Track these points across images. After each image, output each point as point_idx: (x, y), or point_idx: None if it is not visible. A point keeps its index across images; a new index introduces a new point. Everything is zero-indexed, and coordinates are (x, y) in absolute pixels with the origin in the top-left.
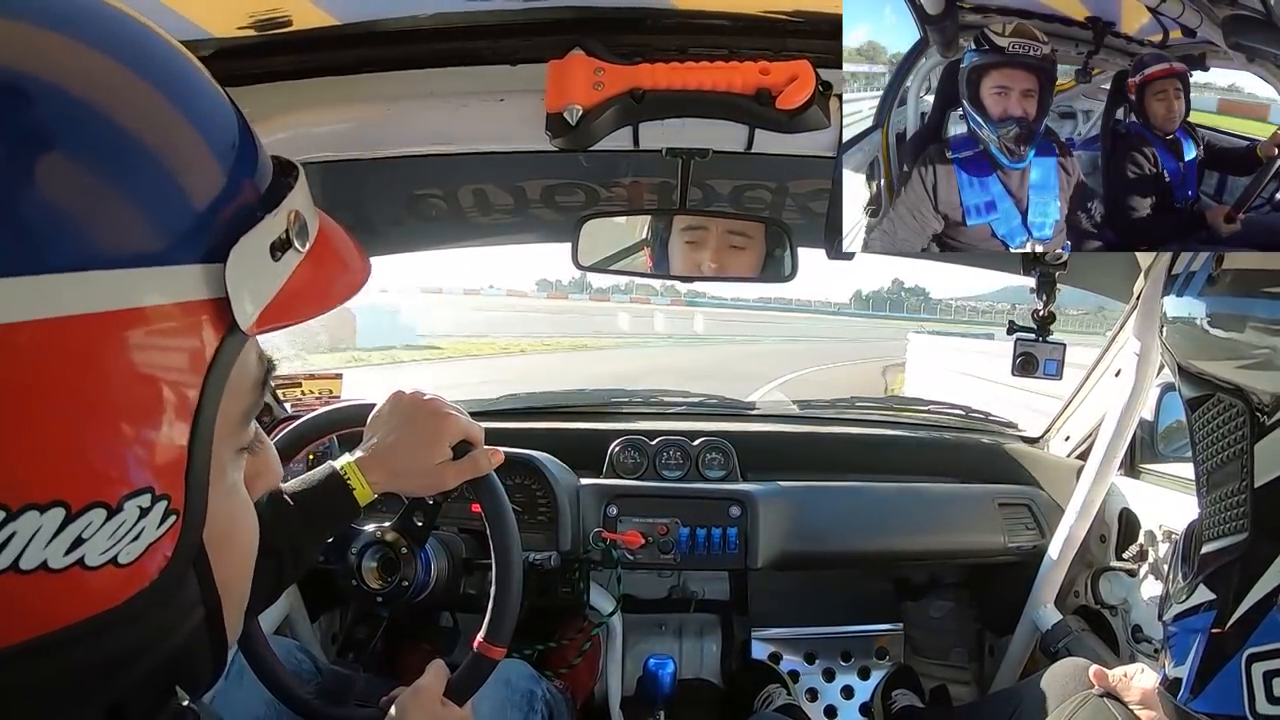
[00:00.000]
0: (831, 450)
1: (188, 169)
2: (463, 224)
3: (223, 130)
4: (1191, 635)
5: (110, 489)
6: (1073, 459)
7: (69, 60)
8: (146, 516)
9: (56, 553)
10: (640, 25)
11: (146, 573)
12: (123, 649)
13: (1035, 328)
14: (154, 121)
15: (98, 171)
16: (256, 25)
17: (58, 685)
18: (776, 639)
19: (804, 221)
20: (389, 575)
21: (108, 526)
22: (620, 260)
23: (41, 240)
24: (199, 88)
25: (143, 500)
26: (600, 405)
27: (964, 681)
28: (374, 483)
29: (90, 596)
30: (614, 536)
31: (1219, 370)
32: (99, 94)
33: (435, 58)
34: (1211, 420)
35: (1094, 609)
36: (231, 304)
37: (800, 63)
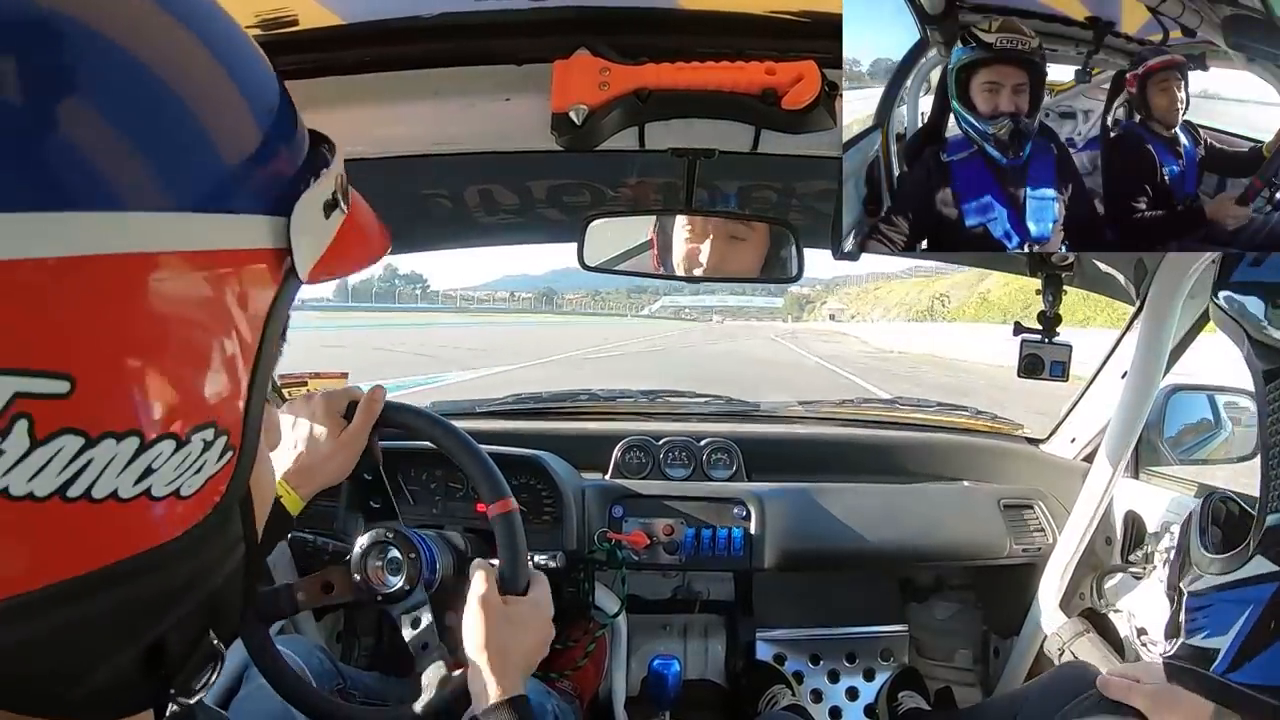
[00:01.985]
0: (837, 451)
1: (257, 131)
2: (469, 224)
3: (277, 98)
4: (1240, 607)
5: (180, 421)
6: (1078, 460)
7: (150, 20)
8: (209, 450)
9: (127, 482)
10: (646, 25)
11: (204, 506)
12: (173, 584)
13: (1041, 329)
14: (241, 83)
15: (183, 122)
16: (263, 24)
17: (110, 620)
18: (781, 640)
19: (810, 222)
20: (394, 574)
21: (175, 458)
22: (626, 260)
23: (128, 180)
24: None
25: (206, 434)
26: (606, 406)
27: (969, 683)
28: (297, 487)
29: (152, 527)
30: (619, 537)
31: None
32: (175, 54)
33: (441, 57)
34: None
35: (1100, 611)
36: (293, 254)
37: (806, 63)
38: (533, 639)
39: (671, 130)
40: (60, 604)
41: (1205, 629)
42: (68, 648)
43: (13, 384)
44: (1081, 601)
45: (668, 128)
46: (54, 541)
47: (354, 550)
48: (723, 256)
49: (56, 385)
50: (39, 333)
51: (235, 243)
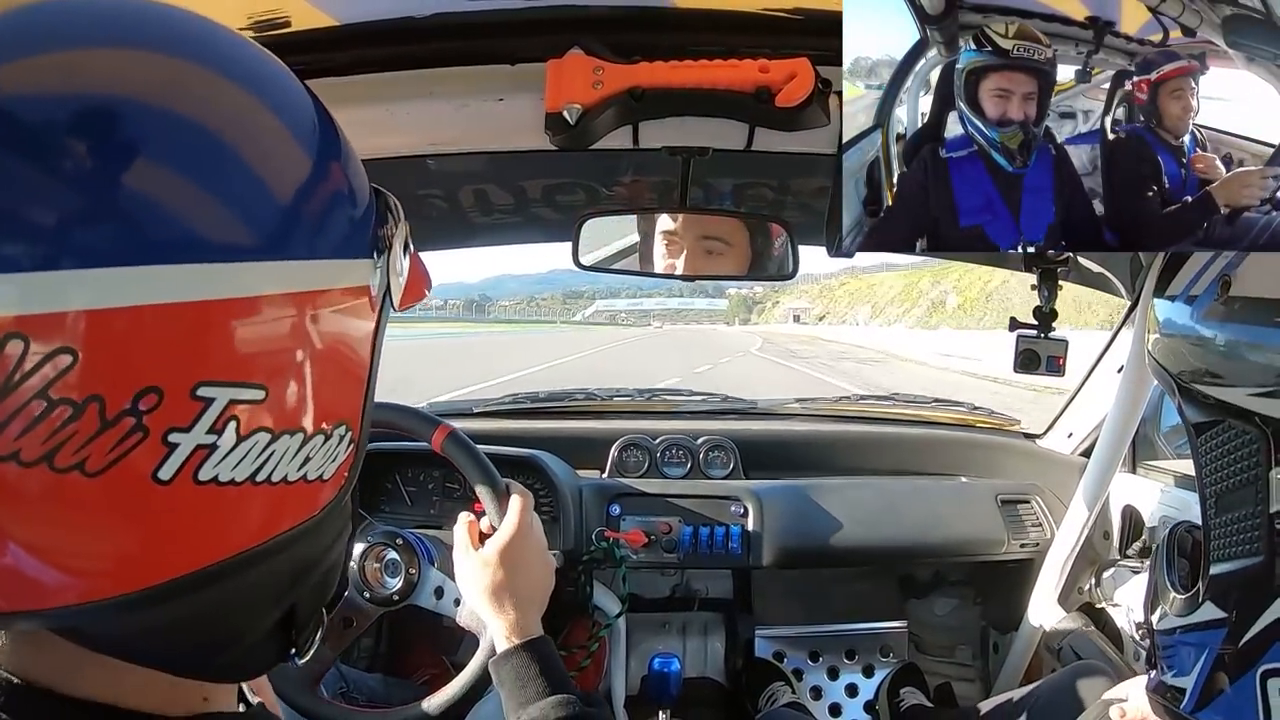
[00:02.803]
0: (834, 448)
1: (354, 192)
2: (464, 224)
3: (352, 159)
4: (1196, 649)
5: (328, 419)
6: (1075, 455)
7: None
8: (342, 443)
9: (294, 468)
10: (639, 24)
11: (335, 487)
12: (311, 554)
13: (1037, 324)
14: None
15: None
16: (255, 26)
17: (268, 588)
18: (780, 637)
19: (805, 219)
20: (391, 577)
21: (324, 448)
22: (621, 259)
23: (292, 234)
24: (328, 120)
25: (341, 429)
26: (602, 404)
27: (968, 679)
28: None
29: (308, 503)
30: (617, 535)
31: (1230, 396)
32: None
33: (434, 58)
34: (1222, 445)
35: (1098, 606)
36: (390, 288)
37: (799, 60)
38: (535, 574)
39: (665, 129)
40: (239, 571)
41: (1173, 667)
42: (230, 614)
43: (228, 394)
44: (1080, 596)
45: (662, 126)
46: (244, 517)
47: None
48: (699, 264)
49: (256, 394)
50: (245, 354)
51: (356, 280)
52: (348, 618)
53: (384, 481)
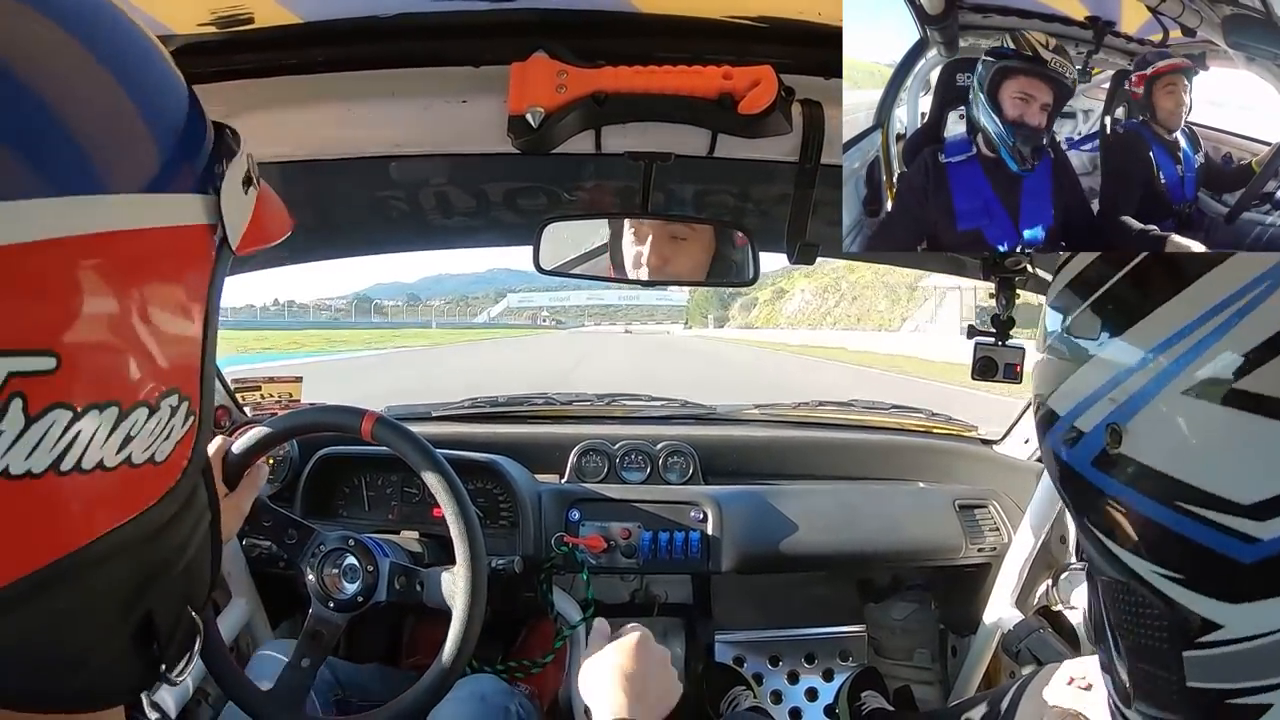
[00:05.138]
0: (793, 453)
1: (178, 121)
2: (424, 226)
3: (186, 91)
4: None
5: (150, 388)
6: (1032, 461)
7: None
8: (175, 415)
9: (110, 450)
10: (604, 28)
11: (175, 471)
12: (157, 555)
13: (995, 331)
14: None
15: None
16: (218, 21)
17: (105, 597)
18: (740, 642)
19: (766, 225)
20: (350, 582)
21: (149, 424)
22: (582, 264)
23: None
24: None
25: (172, 400)
26: (562, 409)
27: (927, 682)
28: None
29: (136, 494)
30: (576, 541)
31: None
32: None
33: (398, 58)
34: (1130, 608)
35: (1055, 608)
36: (225, 227)
37: (763, 68)
38: (666, 683)
39: (628, 134)
40: (59, 583)
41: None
42: (67, 631)
43: (6, 364)
44: (1037, 599)
45: (624, 131)
46: (51, 518)
47: (309, 557)
48: (664, 258)
49: (44, 362)
50: (22, 314)
51: (177, 219)
52: (315, 631)
53: (342, 486)
